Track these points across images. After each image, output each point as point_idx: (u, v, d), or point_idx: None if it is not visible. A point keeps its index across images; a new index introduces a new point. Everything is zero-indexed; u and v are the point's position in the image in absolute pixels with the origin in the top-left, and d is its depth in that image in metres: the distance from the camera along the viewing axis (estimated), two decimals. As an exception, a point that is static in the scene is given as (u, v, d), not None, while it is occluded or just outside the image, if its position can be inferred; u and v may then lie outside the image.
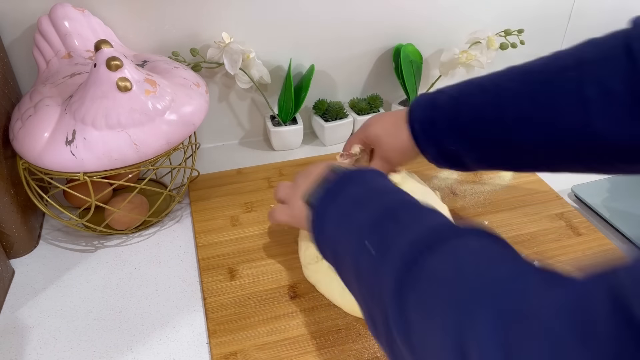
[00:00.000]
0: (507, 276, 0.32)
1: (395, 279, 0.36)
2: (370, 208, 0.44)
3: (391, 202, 0.45)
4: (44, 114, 0.64)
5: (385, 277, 0.37)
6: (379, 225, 0.42)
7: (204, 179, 0.84)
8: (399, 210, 0.43)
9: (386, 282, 0.37)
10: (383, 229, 0.41)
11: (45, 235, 0.74)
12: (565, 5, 0.99)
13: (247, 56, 0.83)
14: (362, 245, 0.41)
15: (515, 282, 0.31)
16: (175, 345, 0.59)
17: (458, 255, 0.35)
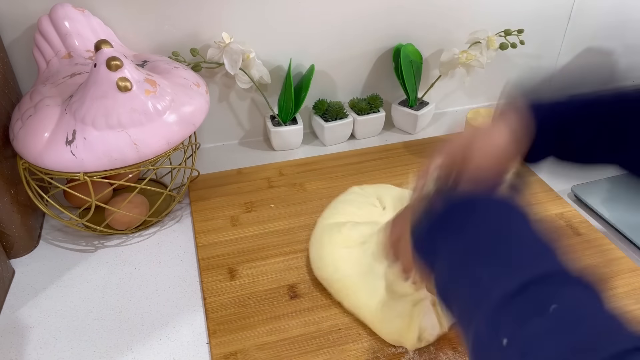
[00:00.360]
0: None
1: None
2: (498, 269, 0.34)
3: (526, 268, 0.34)
4: (44, 114, 0.64)
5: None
6: (516, 310, 0.31)
7: (204, 179, 0.84)
8: (541, 287, 0.32)
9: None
10: (524, 322, 0.31)
11: (45, 235, 0.74)
12: (565, 5, 0.99)
13: (247, 56, 0.83)
14: (495, 337, 0.31)
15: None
16: (175, 345, 0.59)
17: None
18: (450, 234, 0.39)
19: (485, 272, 0.34)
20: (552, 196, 0.79)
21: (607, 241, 0.70)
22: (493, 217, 0.40)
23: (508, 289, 0.32)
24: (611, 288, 0.32)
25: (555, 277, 0.33)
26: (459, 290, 0.36)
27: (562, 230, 0.72)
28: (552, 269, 0.34)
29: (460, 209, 0.41)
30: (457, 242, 0.38)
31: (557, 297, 0.31)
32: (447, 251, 0.38)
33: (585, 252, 0.69)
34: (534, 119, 0.49)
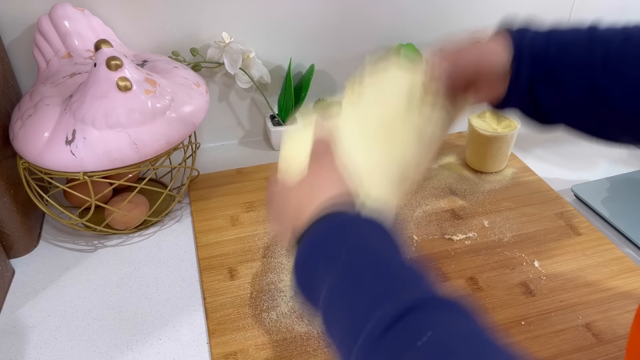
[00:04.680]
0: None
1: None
2: (369, 302, 0.34)
3: (396, 298, 0.33)
4: (44, 113, 0.64)
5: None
6: (386, 347, 0.31)
7: (204, 178, 0.84)
8: (410, 321, 0.31)
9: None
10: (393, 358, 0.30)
11: (45, 235, 0.74)
12: (565, 5, 0.99)
13: (247, 56, 0.83)
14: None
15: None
16: (175, 345, 0.59)
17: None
18: (326, 265, 0.37)
19: (358, 305, 0.33)
20: (552, 196, 0.79)
21: (607, 241, 0.70)
22: (364, 243, 0.38)
23: (379, 323, 0.31)
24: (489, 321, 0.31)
25: (423, 306, 0.32)
26: (337, 324, 0.35)
27: (562, 230, 0.72)
28: (425, 296, 0.33)
29: (332, 236, 0.39)
30: (333, 273, 0.37)
31: (430, 325, 0.30)
32: (326, 284, 0.37)
33: (586, 252, 0.69)
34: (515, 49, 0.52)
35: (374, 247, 0.38)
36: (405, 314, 0.31)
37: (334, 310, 0.36)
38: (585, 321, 0.59)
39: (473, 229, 0.73)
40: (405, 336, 0.30)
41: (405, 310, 0.31)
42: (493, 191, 0.80)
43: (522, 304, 0.62)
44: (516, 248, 0.70)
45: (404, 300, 0.32)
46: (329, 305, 0.36)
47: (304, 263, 0.40)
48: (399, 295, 0.33)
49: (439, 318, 0.31)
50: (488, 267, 0.67)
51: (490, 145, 0.81)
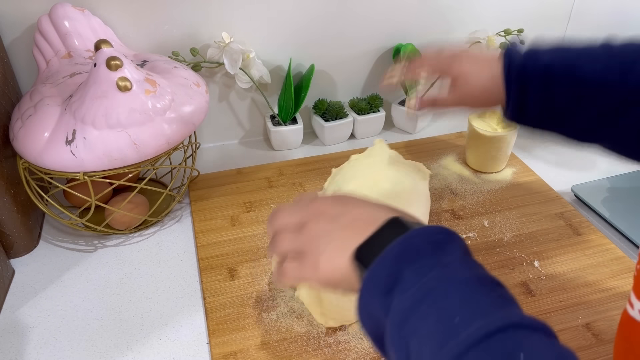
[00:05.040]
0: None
1: None
2: (468, 314, 0.33)
3: (496, 315, 0.33)
4: (44, 113, 0.64)
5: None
6: (484, 353, 0.31)
7: (204, 178, 0.84)
8: (509, 335, 0.31)
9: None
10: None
11: (45, 235, 0.74)
12: (565, 5, 0.99)
13: (247, 56, 0.83)
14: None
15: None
16: (175, 345, 0.59)
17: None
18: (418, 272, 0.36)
19: (455, 315, 0.33)
20: (552, 196, 0.79)
21: (607, 241, 0.70)
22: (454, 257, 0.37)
23: (479, 333, 0.31)
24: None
25: (520, 325, 0.32)
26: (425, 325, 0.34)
27: (562, 230, 0.72)
28: (518, 318, 0.33)
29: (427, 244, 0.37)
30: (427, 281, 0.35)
31: (522, 345, 0.31)
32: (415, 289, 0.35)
33: (585, 252, 0.69)
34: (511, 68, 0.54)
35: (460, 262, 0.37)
36: (502, 331, 0.31)
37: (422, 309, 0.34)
38: (585, 321, 0.59)
39: (473, 229, 0.73)
40: (499, 350, 0.30)
41: (503, 327, 0.31)
42: (493, 191, 0.80)
43: (522, 304, 0.61)
44: (516, 248, 0.70)
45: (501, 317, 0.32)
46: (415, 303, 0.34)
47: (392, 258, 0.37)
48: (497, 312, 0.33)
49: (532, 339, 0.32)
50: (488, 267, 0.66)
51: (490, 145, 0.81)
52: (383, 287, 0.36)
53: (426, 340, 0.33)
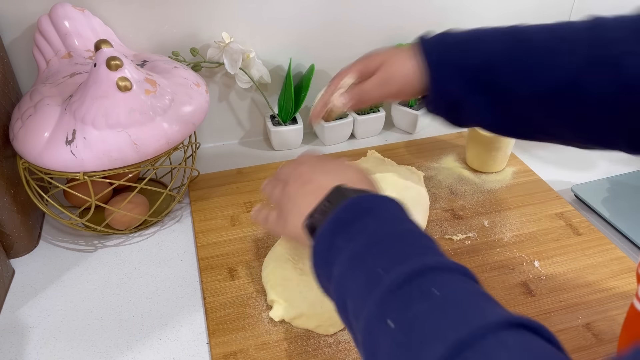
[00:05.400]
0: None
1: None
2: (390, 261, 0.38)
3: (415, 260, 0.37)
4: (44, 113, 0.64)
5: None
6: (403, 296, 0.35)
7: (204, 178, 0.84)
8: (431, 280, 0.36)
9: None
10: (408, 305, 0.34)
11: (45, 235, 0.74)
12: (565, 5, 0.99)
13: (247, 56, 0.83)
14: (382, 319, 0.34)
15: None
16: (175, 345, 0.59)
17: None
18: (348, 239, 0.41)
19: (379, 265, 0.37)
20: (552, 196, 0.79)
21: (607, 241, 0.70)
22: (385, 216, 0.42)
23: (396, 278, 0.36)
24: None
25: (438, 268, 0.37)
26: (355, 285, 0.38)
27: (562, 230, 0.72)
28: (435, 261, 0.38)
29: (357, 211, 0.42)
30: (354, 245, 0.40)
31: (438, 284, 0.35)
32: (345, 255, 0.40)
33: (586, 252, 0.69)
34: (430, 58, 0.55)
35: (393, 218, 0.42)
36: (416, 275, 0.36)
37: (352, 270, 0.39)
38: (585, 321, 0.59)
39: (473, 229, 0.73)
40: (415, 292, 0.35)
41: (417, 272, 0.36)
42: (493, 191, 0.80)
43: (522, 304, 0.62)
44: (516, 248, 0.70)
45: (417, 264, 0.37)
46: (347, 268, 0.40)
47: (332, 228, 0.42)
48: (413, 260, 0.37)
49: (452, 278, 0.36)
50: (488, 267, 0.67)
51: (490, 145, 0.81)
52: (323, 260, 0.42)
53: (357, 295, 0.38)
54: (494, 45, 0.54)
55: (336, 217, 0.42)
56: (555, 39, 0.52)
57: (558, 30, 0.53)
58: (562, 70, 0.50)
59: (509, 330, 0.31)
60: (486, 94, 0.54)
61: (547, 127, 0.54)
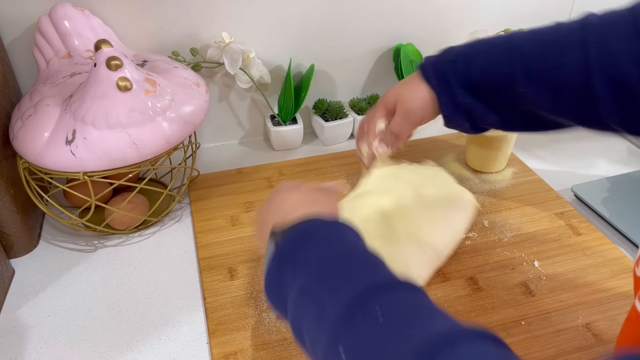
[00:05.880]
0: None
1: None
2: (334, 289, 0.37)
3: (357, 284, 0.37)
4: (44, 113, 0.64)
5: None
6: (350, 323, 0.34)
7: (204, 178, 0.84)
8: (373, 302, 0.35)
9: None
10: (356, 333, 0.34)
11: (45, 235, 0.74)
12: (565, 5, 0.99)
13: (247, 56, 0.83)
14: (335, 348, 0.34)
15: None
16: (175, 345, 0.59)
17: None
18: (294, 269, 0.41)
19: (325, 294, 0.37)
20: (552, 196, 0.79)
21: (607, 241, 0.70)
22: (324, 240, 0.42)
23: (341, 307, 0.35)
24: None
25: (382, 286, 0.36)
26: (307, 318, 0.38)
27: (562, 230, 0.72)
28: (379, 280, 0.37)
29: (297, 242, 0.43)
30: (300, 274, 0.40)
31: (383, 303, 0.34)
32: (294, 291, 0.40)
33: (585, 252, 0.69)
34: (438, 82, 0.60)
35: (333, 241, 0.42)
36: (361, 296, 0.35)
37: (302, 304, 0.39)
38: (585, 321, 0.59)
39: (473, 229, 0.73)
40: (360, 314, 0.34)
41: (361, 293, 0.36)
42: (493, 191, 0.80)
43: (522, 304, 0.62)
44: (516, 248, 0.70)
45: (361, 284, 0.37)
46: (297, 305, 0.39)
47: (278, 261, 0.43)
48: (357, 281, 0.37)
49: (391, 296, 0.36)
50: (488, 267, 0.67)
51: (490, 145, 0.81)
52: (276, 297, 0.42)
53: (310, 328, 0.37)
54: (490, 56, 0.57)
55: (278, 254, 0.43)
56: (547, 43, 0.54)
57: (550, 35, 0.55)
58: (555, 74, 0.53)
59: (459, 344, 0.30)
60: (489, 100, 0.58)
61: (552, 121, 0.57)
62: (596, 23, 0.51)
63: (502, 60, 0.56)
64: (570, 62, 0.52)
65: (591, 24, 0.52)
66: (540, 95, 0.54)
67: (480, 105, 0.59)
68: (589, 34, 0.51)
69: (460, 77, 0.59)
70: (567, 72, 0.52)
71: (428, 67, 0.61)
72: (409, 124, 0.63)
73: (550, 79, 0.53)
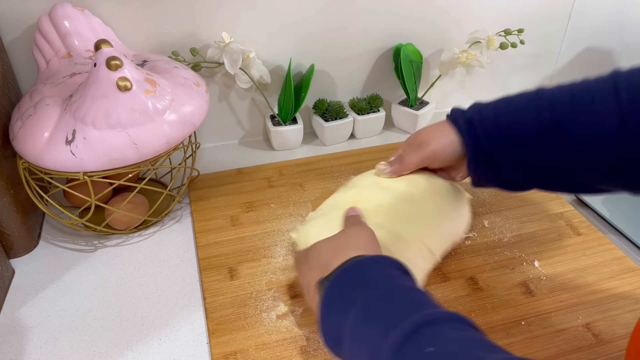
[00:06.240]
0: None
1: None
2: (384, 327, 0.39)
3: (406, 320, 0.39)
4: (44, 113, 0.64)
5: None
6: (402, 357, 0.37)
7: (204, 178, 0.84)
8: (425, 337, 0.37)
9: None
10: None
11: (45, 235, 0.74)
12: (565, 5, 0.99)
13: (247, 56, 0.83)
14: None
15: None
16: (175, 345, 0.59)
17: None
18: (344, 311, 0.43)
19: (376, 333, 0.39)
20: (552, 196, 0.79)
21: (607, 241, 0.70)
22: (370, 280, 0.44)
23: (392, 344, 0.36)
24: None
25: (429, 322, 0.37)
26: (362, 356, 0.39)
27: (562, 230, 0.72)
28: (428, 316, 0.38)
29: (343, 284, 0.45)
30: (351, 318, 0.42)
31: (434, 340, 0.36)
32: (346, 330, 0.42)
33: (586, 252, 0.69)
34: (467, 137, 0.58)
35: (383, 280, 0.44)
36: (411, 334, 0.36)
37: (355, 345, 0.41)
38: (585, 321, 0.59)
39: (473, 229, 0.73)
40: (412, 353, 0.35)
41: (411, 331, 0.37)
42: (493, 191, 0.80)
43: (522, 304, 0.62)
44: (516, 248, 0.70)
45: (410, 323, 0.37)
46: (351, 342, 0.41)
47: (327, 308, 0.44)
48: (406, 319, 0.38)
49: (444, 329, 0.37)
50: (488, 267, 0.67)
51: (490, 145, 0.81)
52: (333, 339, 0.44)
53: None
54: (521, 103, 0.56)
55: (326, 300, 0.45)
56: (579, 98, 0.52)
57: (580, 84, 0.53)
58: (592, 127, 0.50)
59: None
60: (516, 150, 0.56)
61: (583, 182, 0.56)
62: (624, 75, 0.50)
63: (530, 107, 0.54)
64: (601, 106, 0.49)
65: (620, 75, 0.50)
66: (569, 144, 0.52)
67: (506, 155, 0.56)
68: (619, 80, 0.49)
69: (486, 122, 0.57)
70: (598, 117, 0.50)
71: (455, 112, 0.61)
72: (418, 155, 0.63)
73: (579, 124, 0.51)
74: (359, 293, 0.43)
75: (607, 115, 0.49)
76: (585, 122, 0.50)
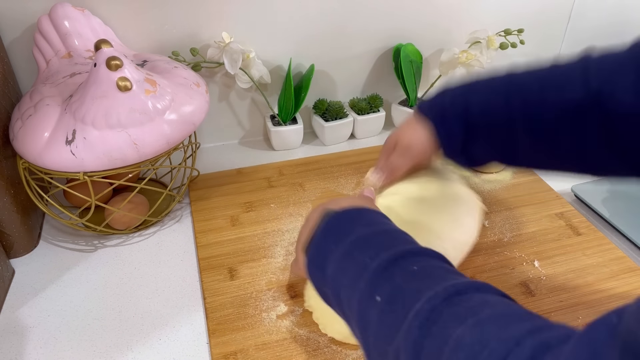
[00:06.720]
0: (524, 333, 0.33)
1: (413, 341, 0.36)
2: (375, 252, 0.44)
3: (397, 247, 0.44)
4: (44, 113, 0.64)
5: (401, 334, 0.37)
6: (388, 274, 0.41)
7: (204, 178, 0.84)
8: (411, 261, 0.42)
9: (401, 339, 0.37)
10: (392, 280, 0.41)
11: (45, 235, 0.74)
12: (565, 5, 0.99)
13: (247, 56, 0.83)
14: (371, 297, 0.41)
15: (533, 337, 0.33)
16: (175, 345, 0.59)
17: (476, 312, 0.36)
18: (338, 239, 0.47)
19: (366, 256, 0.44)
20: (552, 196, 0.79)
21: (607, 241, 0.70)
22: (368, 221, 0.49)
23: (381, 262, 0.42)
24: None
25: (417, 252, 0.44)
26: (346, 277, 0.44)
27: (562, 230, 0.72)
28: (415, 248, 0.45)
29: (344, 219, 0.49)
30: (343, 245, 0.46)
31: (417, 263, 0.42)
32: (335, 255, 0.46)
33: (586, 252, 0.69)
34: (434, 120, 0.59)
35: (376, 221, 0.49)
36: (399, 258, 0.42)
37: (342, 265, 0.45)
38: (585, 321, 0.59)
39: (473, 228, 0.73)
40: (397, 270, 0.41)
41: (399, 255, 0.42)
42: (493, 191, 0.80)
43: (522, 303, 0.61)
44: (516, 248, 0.70)
45: (399, 249, 0.43)
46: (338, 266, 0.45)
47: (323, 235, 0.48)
48: (395, 247, 0.44)
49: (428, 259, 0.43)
50: (488, 267, 0.67)
51: (490, 145, 0.81)
52: (317, 266, 0.48)
53: (348, 284, 0.43)
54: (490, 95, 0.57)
55: (325, 227, 0.49)
56: (547, 78, 0.53)
57: (549, 70, 0.54)
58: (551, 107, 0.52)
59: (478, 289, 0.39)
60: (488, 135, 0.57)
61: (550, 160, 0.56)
62: (594, 61, 0.51)
63: (499, 90, 0.56)
64: (571, 91, 0.50)
65: (590, 60, 0.51)
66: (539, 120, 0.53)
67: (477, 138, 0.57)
68: (589, 67, 0.50)
69: (458, 109, 0.57)
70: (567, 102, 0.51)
71: (425, 105, 0.61)
72: (407, 159, 0.63)
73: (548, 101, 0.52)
74: (356, 228, 0.47)
75: (576, 102, 0.50)
76: (554, 109, 0.52)
